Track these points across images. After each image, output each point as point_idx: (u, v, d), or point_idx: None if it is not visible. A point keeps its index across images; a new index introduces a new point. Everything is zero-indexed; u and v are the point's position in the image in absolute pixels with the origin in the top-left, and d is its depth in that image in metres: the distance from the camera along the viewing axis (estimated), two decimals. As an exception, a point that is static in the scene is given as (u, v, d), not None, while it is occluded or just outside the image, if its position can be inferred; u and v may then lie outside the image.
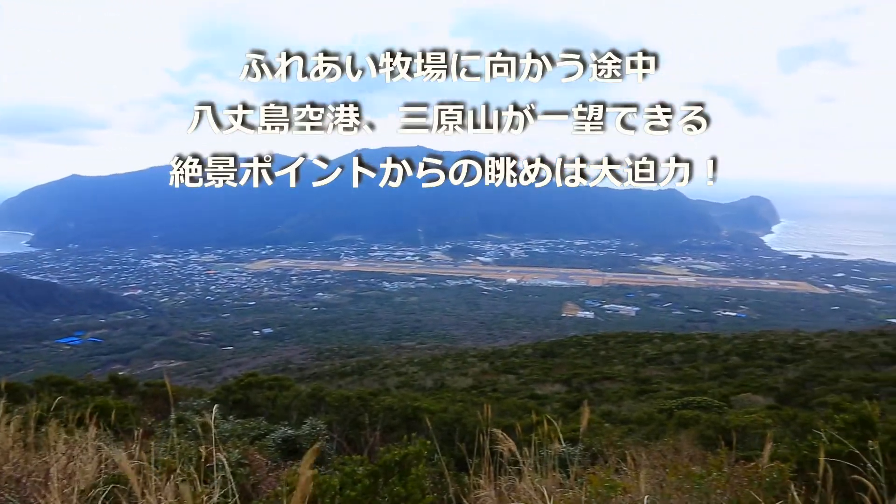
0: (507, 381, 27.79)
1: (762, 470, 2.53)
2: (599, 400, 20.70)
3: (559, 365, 32.04)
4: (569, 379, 26.73)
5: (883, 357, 27.98)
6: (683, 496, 2.61)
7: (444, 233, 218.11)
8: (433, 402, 10.42)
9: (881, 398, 17.27)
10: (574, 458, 5.41)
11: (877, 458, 2.41)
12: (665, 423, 10.23)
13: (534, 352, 39.96)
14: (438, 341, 79.73)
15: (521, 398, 20.01)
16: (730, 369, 28.23)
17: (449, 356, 42.41)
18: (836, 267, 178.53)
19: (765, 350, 32.65)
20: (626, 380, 25.93)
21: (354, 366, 41.60)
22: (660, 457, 3.89)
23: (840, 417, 2.96)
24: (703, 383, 24.13)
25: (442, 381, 28.58)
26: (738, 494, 2.50)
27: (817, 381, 22.39)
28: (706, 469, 2.73)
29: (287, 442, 6.76)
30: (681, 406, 14.85)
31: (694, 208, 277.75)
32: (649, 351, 35.51)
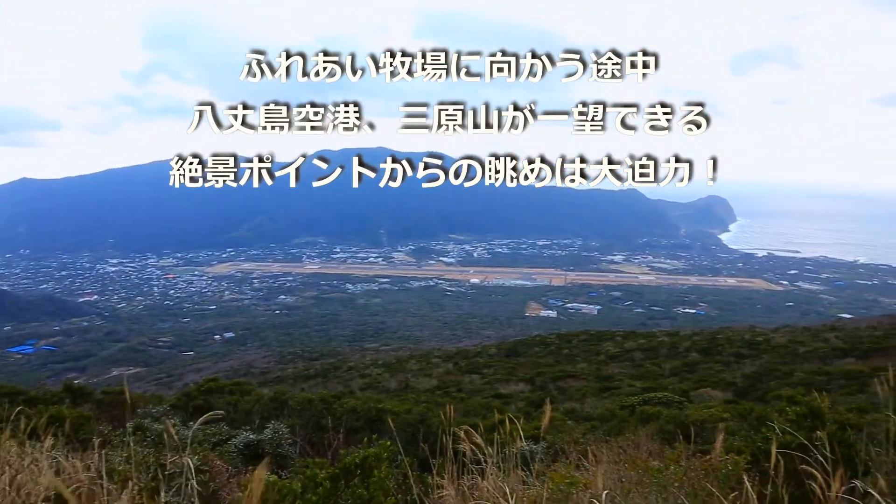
0: (472, 381, 27.84)
1: (717, 462, 2.59)
2: (563, 398, 20.90)
3: (523, 364, 32.24)
4: (532, 378, 26.90)
5: (835, 351, 28.86)
6: (643, 490, 2.65)
7: (406, 234, 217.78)
8: (397, 404, 10.39)
9: (833, 390, 17.80)
10: (537, 455, 5.44)
11: (824, 448, 2.49)
12: (627, 420, 10.37)
13: (498, 351, 40.14)
14: (402, 342, 79.53)
15: (485, 398, 20.08)
16: (690, 365, 28.78)
17: (413, 357, 42.33)
18: (790, 264, 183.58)
19: (723, 346, 33.38)
20: (589, 377, 26.22)
21: (318, 368, 41.25)
22: (620, 452, 3.94)
23: (792, 410, 3.04)
24: (664, 379, 24.54)
25: (406, 383, 28.52)
26: (694, 487, 2.55)
27: (773, 376, 22.98)
28: (664, 463, 2.78)
29: (249, 447, 6.67)
30: (642, 402, 15.05)
31: (653, 208, 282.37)
32: (611, 349, 35.96)
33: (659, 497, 2.58)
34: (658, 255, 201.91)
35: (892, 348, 27.69)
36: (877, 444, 2.94)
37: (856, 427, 3.05)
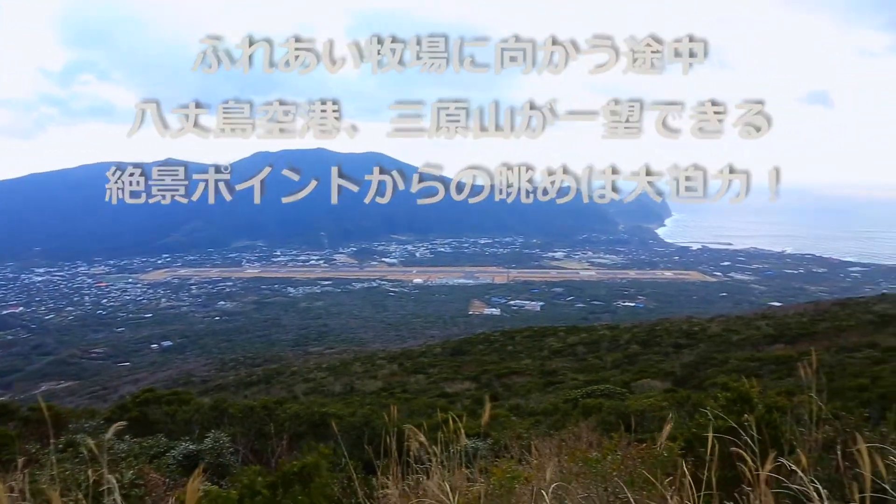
0: (417, 381, 27.82)
1: (654, 449, 2.66)
2: (508, 394, 21.11)
3: (468, 362, 32.40)
4: (478, 375, 27.07)
5: (766, 338, 30.10)
6: (583, 481, 2.70)
7: (348, 235, 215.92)
8: (342, 407, 10.30)
9: (764, 375, 18.54)
10: (481, 452, 5.48)
11: (753, 431, 2.59)
12: (570, 413, 10.55)
13: (442, 351, 40.21)
14: (346, 345, 78.85)
15: (430, 397, 20.11)
16: (630, 357, 29.49)
17: (357, 359, 42.03)
18: (723, 256, 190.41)
19: (662, 337, 34.34)
20: (534, 373, 26.55)
21: (260, 375, 40.50)
22: (561, 445, 4.00)
23: (723, 396, 3.16)
24: (606, 372, 25.08)
25: (351, 385, 28.29)
26: (632, 474, 2.61)
27: (709, 364, 23.79)
28: (603, 453, 2.83)
29: (189, 458, 6.49)
30: (585, 395, 15.34)
31: (592, 204, 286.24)
32: (554, 344, 36.48)
33: (598, 486, 2.63)
34: (598, 250, 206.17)
35: (817, 333, 29.06)
36: (802, 425, 3.09)
37: (783, 409, 3.19)
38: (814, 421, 3.01)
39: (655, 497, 2.36)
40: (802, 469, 2.20)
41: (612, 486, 2.57)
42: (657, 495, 2.33)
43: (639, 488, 2.51)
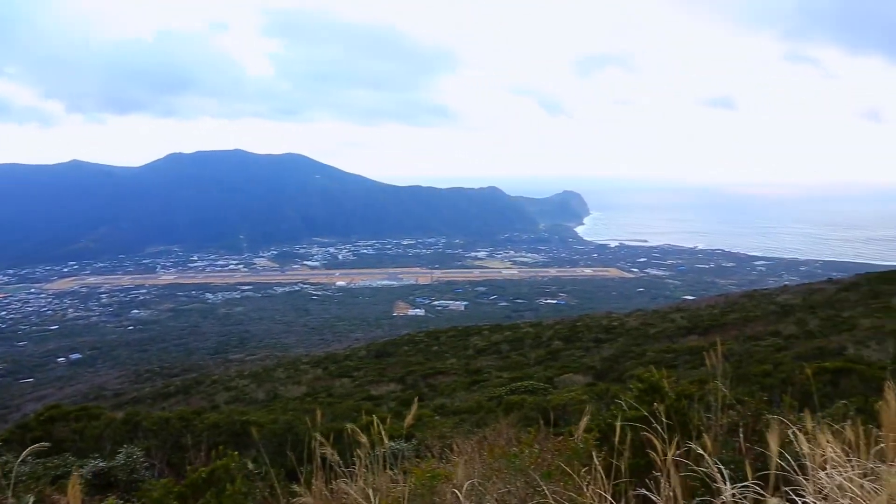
0: (342, 384, 27.54)
1: (570, 441, 2.72)
2: (433, 394, 21.14)
3: (393, 364, 32.28)
4: (403, 377, 27.01)
5: (680, 330, 31.41)
6: (503, 476, 2.73)
7: (268, 238, 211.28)
8: (264, 415, 10.05)
9: (679, 365, 19.31)
10: (406, 453, 5.46)
11: (662, 419, 2.70)
12: (494, 410, 10.67)
13: (367, 353, 39.95)
14: (269, 351, 77.11)
15: (356, 400, 19.90)
16: (553, 353, 30.10)
17: (281, 365, 41.22)
18: (640, 253, 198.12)
19: (583, 332, 35.25)
20: (459, 372, 26.69)
21: (179, 385, 39.08)
22: (482, 442, 4.04)
23: (635, 386, 3.27)
24: (530, 368, 25.49)
25: (275, 392, 27.71)
26: (549, 467, 2.66)
27: (628, 356, 24.55)
28: (521, 448, 2.88)
29: (99, 476, 6.18)
30: (509, 392, 15.55)
31: (513, 204, 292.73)
32: (479, 342, 36.84)
33: (517, 480, 2.67)
34: (519, 249, 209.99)
35: (727, 324, 30.54)
36: (710, 411, 3.24)
37: (692, 397, 3.33)
38: (720, 407, 3.17)
39: (572, 488, 2.42)
40: (708, 453, 2.31)
41: (530, 480, 2.61)
42: (574, 486, 2.39)
43: (556, 480, 2.56)
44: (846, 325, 22.51)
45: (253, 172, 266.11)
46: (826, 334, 22.07)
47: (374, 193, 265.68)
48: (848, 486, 1.95)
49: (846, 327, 22.18)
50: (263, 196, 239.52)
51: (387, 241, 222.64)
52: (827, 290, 36.70)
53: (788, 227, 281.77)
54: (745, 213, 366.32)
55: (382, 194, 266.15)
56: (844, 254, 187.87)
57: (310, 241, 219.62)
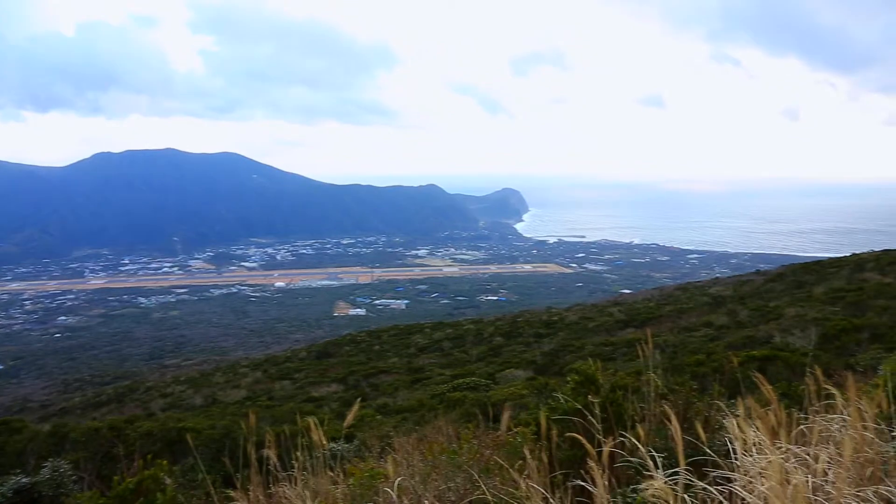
0: (283, 387, 27.12)
1: (506, 436, 2.75)
2: (376, 394, 21.03)
3: (335, 364, 31.98)
4: (345, 377, 26.79)
5: (618, 323, 32.17)
6: (441, 473, 2.73)
7: (203, 240, 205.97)
8: (201, 421, 9.80)
9: (618, 358, 19.77)
10: (347, 454, 5.41)
11: (597, 410, 2.75)
12: (436, 408, 10.69)
13: (308, 354, 39.47)
14: (206, 355, 75.19)
15: (297, 403, 19.64)
16: (495, 349, 30.36)
17: (219, 369, 40.27)
18: (578, 248, 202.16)
19: (524, 328, 35.68)
20: (401, 371, 26.63)
21: (111, 394, 37.66)
22: (422, 440, 4.03)
23: (571, 379, 3.32)
24: (472, 365, 25.63)
25: (213, 397, 27.04)
26: (486, 463, 2.68)
27: (568, 350, 24.96)
28: (459, 444, 2.89)
29: (21, 493, 5.88)
30: (452, 389, 15.61)
31: (453, 202, 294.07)
32: (421, 341, 36.86)
33: (456, 477, 2.67)
34: (460, 246, 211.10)
35: (663, 316, 31.46)
36: (644, 401, 3.31)
37: (626, 388, 3.40)
38: (654, 397, 3.25)
39: (509, 482, 2.44)
40: (641, 442, 2.36)
41: (470, 476, 2.62)
42: (510, 480, 2.40)
43: (494, 475, 2.58)
44: (773, 315, 23.47)
45: (187, 172, 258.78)
46: (755, 324, 22.98)
47: (312, 193, 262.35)
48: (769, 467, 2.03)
49: (773, 316, 23.13)
50: (198, 196, 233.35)
51: (326, 240, 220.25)
52: (755, 281, 38.24)
53: (718, 222, 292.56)
54: (677, 208, 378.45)
55: (321, 193, 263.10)
56: (771, 246, 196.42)
57: (247, 242, 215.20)
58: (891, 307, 20.67)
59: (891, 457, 2.30)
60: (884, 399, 2.62)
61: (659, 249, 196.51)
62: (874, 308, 21.06)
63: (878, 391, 2.85)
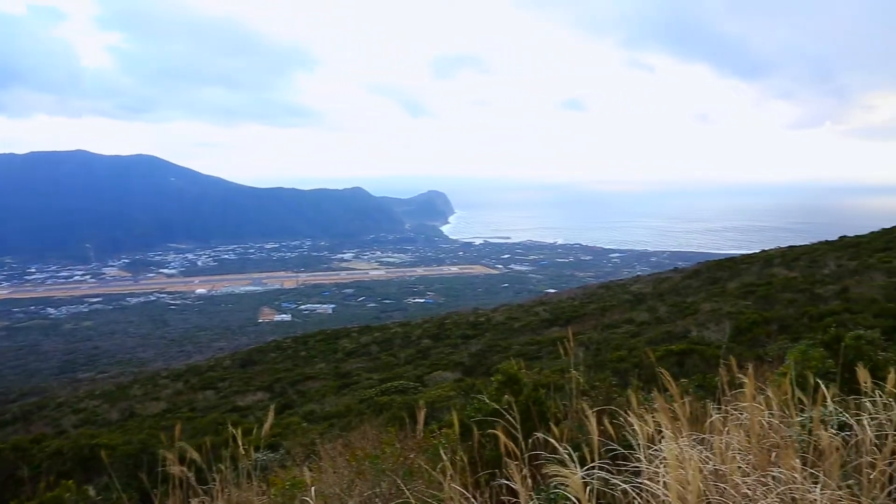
0: (206, 397, 26.34)
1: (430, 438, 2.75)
2: (303, 400, 20.71)
3: (260, 372, 31.32)
4: (271, 384, 26.29)
5: (544, 322, 32.79)
6: (365, 479, 2.70)
7: (118, 246, 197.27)
8: (116, 436, 9.37)
9: (543, 356, 20.14)
10: (269, 463, 5.29)
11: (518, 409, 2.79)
12: (364, 412, 10.60)
13: (232, 363, 38.45)
14: (123, 367, 72.02)
15: (221, 413, 19.12)
16: (422, 351, 30.40)
17: (137, 381, 38.67)
18: (504, 249, 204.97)
19: (451, 330, 35.86)
20: (328, 376, 26.33)
21: (17, 412, 35.49)
22: (347, 446, 3.98)
23: (495, 379, 3.35)
24: (400, 368, 25.60)
25: (130, 410, 25.95)
26: (409, 466, 2.67)
27: (495, 351, 25.27)
28: (382, 448, 2.86)
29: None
30: (380, 393, 15.53)
31: (378, 204, 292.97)
32: (348, 345, 36.52)
33: (382, 482, 2.65)
34: (386, 249, 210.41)
35: (587, 314, 32.27)
36: (565, 398, 3.38)
37: (549, 386, 3.46)
38: (575, 393, 3.32)
39: (433, 484, 2.44)
40: (560, 438, 2.40)
41: (391, 481, 2.61)
42: (434, 482, 2.40)
43: (417, 478, 2.57)
44: (690, 310, 24.46)
45: (99, 175, 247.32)
46: (673, 319, 23.89)
47: (234, 196, 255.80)
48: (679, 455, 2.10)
49: (690, 312, 24.10)
50: (112, 200, 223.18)
51: (249, 245, 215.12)
52: (673, 278, 39.75)
53: (638, 222, 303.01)
54: (599, 209, 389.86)
55: (243, 197, 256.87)
56: (688, 244, 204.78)
57: (165, 248, 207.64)
58: (796, 300, 21.91)
59: (792, 441, 2.43)
60: (788, 387, 2.77)
61: (582, 249, 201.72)
62: (782, 301, 22.26)
63: (784, 379, 3.00)
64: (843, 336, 5.20)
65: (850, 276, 24.18)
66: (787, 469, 2.08)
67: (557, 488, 2.11)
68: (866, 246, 31.60)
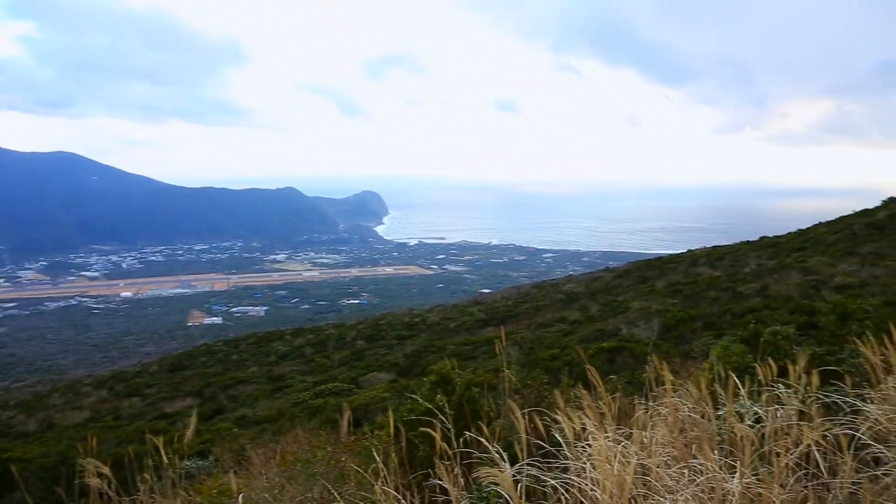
0: (132, 404, 25.42)
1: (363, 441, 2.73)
2: (234, 405, 20.26)
3: (190, 377, 30.48)
4: (201, 390, 25.61)
5: (479, 322, 33.08)
6: (298, 483, 2.66)
7: (35, 248, 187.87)
8: (32, 448, 8.94)
9: (478, 356, 20.32)
10: (201, 471, 5.15)
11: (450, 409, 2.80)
12: (297, 416, 10.44)
13: (160, 368, 37.28)
14: (42, 375, 68.59)
15: (148, 420, 18.50)
16: (357, 353, 30.22)
17: (57, 390, 36.92)
18: (438, 249, 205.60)
19: (386, 331, 35.78)
20: (261, 380, 25.86)
21: (-80, 425, 33.40)
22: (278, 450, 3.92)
23: (427, 379, 3.36)
24: (334, 370, 25.38)
25: (49, 421, 24.75)
26: (341, 469, 2.65)
27: (430, 351, 25.33)
28: (313, 452, 2.83)
29: None
30: (314, 396, 15.35)
31: (311, 205, 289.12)
32: (281, 348, 35.98)
33: (314, 486, 2.62)
34: (319, 250, 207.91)
35: (521, 314, 32.74)
36: (499, 397, 3.42)
37: (483, 385, 3.49)
38: (507, 392, 3.36)
39: (365, 487, 2.43)
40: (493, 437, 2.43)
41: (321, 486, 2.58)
42: (366, 484, 2.39)
43: (349, 481, 2.55)
44: (621, 309, 25.15)
45: (13, 172, 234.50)
46: (605, 318, 24.50)
47: (162, 196, 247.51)
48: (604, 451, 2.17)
49: (621, 310, 24.78)
50: (28, 200, 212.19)
51: (178, 246, 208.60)
52: (605, 277, 40.77)
53: (569, 222, 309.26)
54: (533, 209, 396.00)
55: (172, 197, 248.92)
56: (618, 244, 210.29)
57: (88, 250, 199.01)
58: (720, 298, 22.84)
59: (711, 433, 2.54)
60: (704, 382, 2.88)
61: (516, 249, 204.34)
62: (707, 299, 23.17)
63: (706, 374, 3.12)
64: (761, 332, 5.46)
65: (769, 275, 25.38)
66: (706, 460, 2.18)
67: (489, 487, 2.14)
68: (784, 246, 33.27)
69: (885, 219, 31.67)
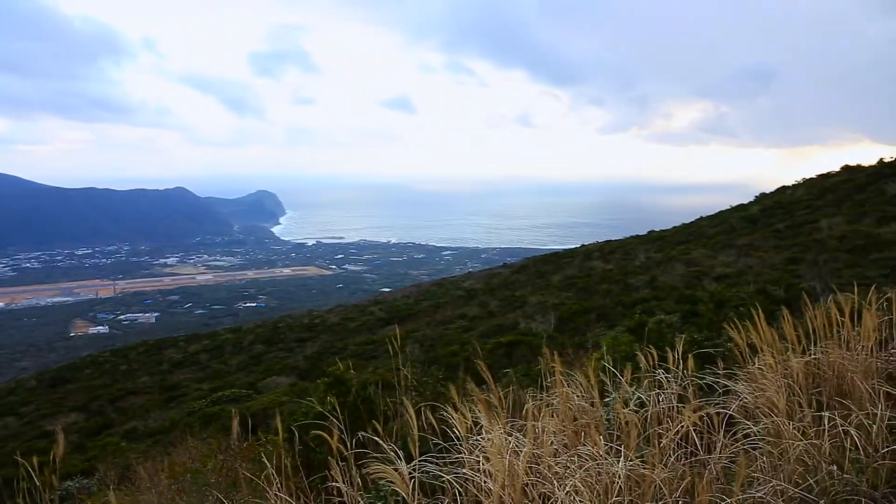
0: (7, 424, 23.61)
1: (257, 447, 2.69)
2: (124, 418, 19.29)
3: (74, 391, 28.70)
4: (87, 404, 24.19)
5: (379, 321, 33.01)
6: (189, 495, 2.58)
7: None
8: None
9: (380, 355, 20.27)
10: (85, 490, 4.87)
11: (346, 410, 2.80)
12: (192, 425, 10.06)
13: (39, 383, 34.77)
14: None
15: (25, 441, 17.26)
16: (255, 357, 29.47)
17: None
18: (337, 249, 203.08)
19: (285, 333, 35.05)
20: (153, 390, 24.77)
21: None
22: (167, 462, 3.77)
23: (321, 381, 3.34)
24: (232, 376, 24.65)
25: None
26: (233, 477, 2.59)
27: (331, 352, 25.06)
28: (202, 462, 2.75)
29: None
30: (210, 403, 14.81)
31: (203, 205, 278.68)
32: (175, 355, 34.56)
33: (208, 496, 2.54)
34: (213, 252, 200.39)
35: (421, 311, 32.94)
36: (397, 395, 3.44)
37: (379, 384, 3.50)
38: (404, 390, 3.39)
39: (258, 493, 2.38)
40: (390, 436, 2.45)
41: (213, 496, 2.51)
42: (260, 490, 2.35)
43: (243, 488, 2.50)
44: (519, 303, 25.81)
45: None
46: (504, 313, 25.07)
47: (36, 197, 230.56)
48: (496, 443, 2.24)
49: (519, 305, 25.43)
50: None
51: (56, 251, 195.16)
52: (503, 273, 41.62)
53: (466, 219, 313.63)
54: (430, 207, 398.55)
55: (47, 198, 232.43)
56: (516, 241, 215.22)
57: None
58: (612, 290, 23.90)
59: (598, 420, 2.67)
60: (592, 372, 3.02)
61: (415, 248, 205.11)
62: (600, 291, 24.18)
63: (592, 364, 3.27)
64: (646, 321, 5.76)
65: (657, 267, 26.81)
66: (594, 446, 2.29)
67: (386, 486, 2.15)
68: (670, 239, 35.23)
69: (757, 213, 34.25)
